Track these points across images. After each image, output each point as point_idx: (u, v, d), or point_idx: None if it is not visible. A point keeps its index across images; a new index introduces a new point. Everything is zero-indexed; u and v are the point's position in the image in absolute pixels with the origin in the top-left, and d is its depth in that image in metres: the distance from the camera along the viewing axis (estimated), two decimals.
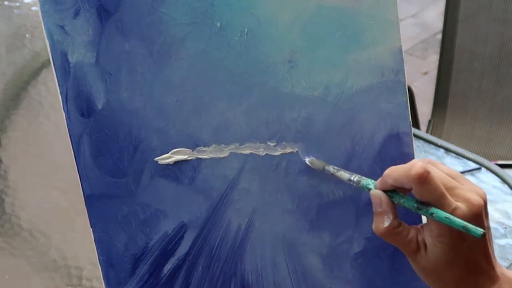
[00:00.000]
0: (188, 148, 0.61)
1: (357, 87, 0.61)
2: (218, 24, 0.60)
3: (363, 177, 0.57)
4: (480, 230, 0.49)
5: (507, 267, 0.83)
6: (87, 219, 0.61)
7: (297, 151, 0.61)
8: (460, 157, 1.02)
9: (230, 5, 0.59)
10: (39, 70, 1.09)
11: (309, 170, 0.62)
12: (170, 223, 0.62)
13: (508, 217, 0.91)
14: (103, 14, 0.59)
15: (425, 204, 0.52)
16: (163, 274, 0.62)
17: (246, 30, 0.60)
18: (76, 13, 0.58)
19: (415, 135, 1.06)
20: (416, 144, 1.05)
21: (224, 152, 0.61)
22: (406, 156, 0.63)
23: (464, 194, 0.52)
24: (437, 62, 1.56)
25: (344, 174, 0.59)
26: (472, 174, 0.99)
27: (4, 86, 1.07)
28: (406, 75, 0.62)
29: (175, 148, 0.61)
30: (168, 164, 0.61)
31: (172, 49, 0.59)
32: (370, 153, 0.62)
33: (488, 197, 0.93)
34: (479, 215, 0.52)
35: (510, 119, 1.51)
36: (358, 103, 0.62)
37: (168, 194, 0.61)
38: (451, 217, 0.50)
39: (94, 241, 0.61)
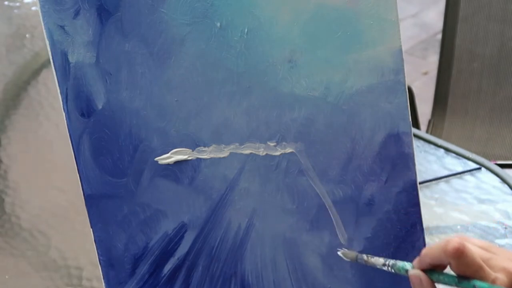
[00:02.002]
0: (188, 148, 0.61)
1: (357, 87, 0.62)
2: (218, 24, 0.60)
3: (398, 260, 0.57)
4: None
5: None
6: (87, 219, 0.61)
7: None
8: (460, 157, 1.02)
9: (230, 5, 0.59)
10: (39, 70, 1.09)
11: (309, 171, 0.62)
12: (170, 223, 0.62)
13: (508, 217, 0.91)
14: (103, 14, 0.59)
15: (465, 278, 0.52)
16: (163, 274, 0.62)
17: (246, 30, 0.60)
18: (76, 13, 0.58)
19: (415, 135, 1.06)
20: (416, 144, 1.05)
21: (224, 152, 0.61)
22: (406, 156, 0.63)
23: (500, 264, 0.53)
24: (437, 62, 1.56)
25: (378, 260, 0.58)
26: (472, 174, 0.99)
27: (4, 86, 1.07)
28: (406, 75, 0.62)
29: (175, 148, 0.61)
30: (168, 164, 0.61)
31: (172, 49, 0.59)
32: (370, 153, 0.62)
33: (488, 197, 0.94)
34: None
35: (510, 119, 1.51)
36: (358, 103, 0.62)
37: (168, 194, 0.61)
38: (494, 287, 0.51)
39: (94, 241, 0.61)
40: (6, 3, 1.20)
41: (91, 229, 0.61)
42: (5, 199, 0.90)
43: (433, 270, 0.54)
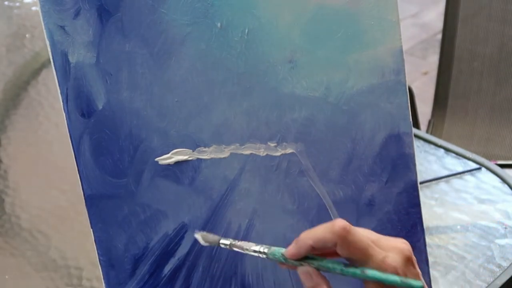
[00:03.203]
0: (188, 148, 0.61)
1: (357, 88, 0.62)
2: (219, 25, 0.60)
3: (269, 247, 0.54)
4: (417, 283, 0.47)
5: (507, 267, 0.83)
6: (87, 219, 0.61)
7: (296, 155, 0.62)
8: (460, 157, 1.02)
9: (231, 5, 0.59)
10: (39, 70, 1.09)
11: (309, 171, 0.62)
12: (171, 223, 0.62)
13: (508, 217, 0.91)
14: (104, 14, 0.58)
15: (352, 265, 0.50)
16: (164, 275, 0.62)
17: (246, 30, 0.60)
18: (77, 14, 0.58)
19: (415, 135, 1.06)
20: (416, 144, 1.05)
21: (224, 153, 0.61)
22: (407, 157, 0.63)
23: (390, 243, 0.51)
24: (437, 62, 1.56)
25: (248, 244, 0.55)
26: (472, 174, 0.99)
27: (4, 86, 1.07)
28: (406, 75, 0.62)
29: (176, 148, 0.61)
30: (168, 165, 0.61)
31: (173, 50, 0.59)
32: (371, 153, 0.62)
33: (488, 197, 0.94)
34: (409, 260, 0.51)
35: (510, 119, 1.51)
36: (358, 103, 0.62)
37: (169, 195, 0.61)
38: (383, 275, 0.48)
39: (95, 241, 0.61)
40: (6, 3, 1.20)
41: (91, 229, 0.61)
42: (5, 199, 0.90)
43: (317, 257, 0.51)
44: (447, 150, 1.04)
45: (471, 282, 0.81)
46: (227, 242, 0.57)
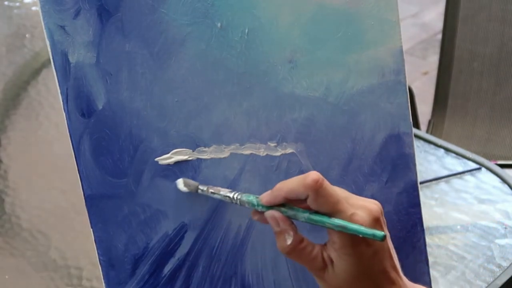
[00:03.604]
0: (188, 148, 0.61)
1: (357, 88, 0.62)
2: (219, 25, 0.59)
3: (244, 194, 0.56)
4: (379, 232, 0.48)
5: (507, 267, 0.83)
6: (87, 219, 0.61)
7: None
8: (460, 157, 1.02)
9: (231, 5, 0.59)
10: (39, 70, 1.09)
11: (309, 171, 0.62)
12: (171, 223, 0.62)
13: (508, 217, 0.91)
14: (104, 14, 0.58)
15: (320, 214, 0.51)
16: (164, 275, 0.62)
17: (246, 30, 0.60)
18: (77, 14, 0.58)
19: (415, 135, 1.06)
20: (416, 144, 1.05)
21: (224, 153, 0.61)
22: (407, 157, 0.63)
23: (359, 202, 0.52)
24: (437, 62, 1.56)
25: (221, 190, 0.58)
26: (472, 174, 0.99)
27: (4, 86, 1.07)
28: (406, 75, 0.62)
29: (176, 148, 0.61)
30: (168, 165, 0.61)
31: (173, 50, 0.59)
32: (371, 153, 0.62)
33: (488, 197, 0.94)
34: (378, 220, 0.51)
35: (510, 119, 1.51)
36: (358, 103, 0.62)
37: (169, 195, 0.61)
38: (347, 223, 0.49)
39: (95, 241, 0.61)
40: (6, 3, 1.20)
41: (91, 229, 0.61)
42: (5, 199, 0.90)
43: (287, 205, 0.53)
44: (447, 150, 1.04)
45: (471, 282, 0.81)
46: (204, 188, 0.59)
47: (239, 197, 0.57)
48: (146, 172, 0.61)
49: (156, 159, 0.61)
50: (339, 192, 0.52)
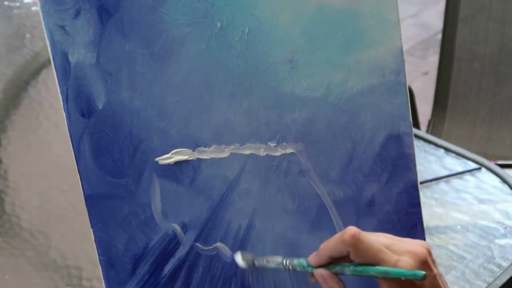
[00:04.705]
0: (188, 148, 0.61)
1: (357, 88, 0.61)
2: (219, 25, 0.59)
3: (294, 258, 0.58)
4: (420, 272, 0.50)
5: (507, 267, 0.83)
6: (87, 219, 0.61)
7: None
8: (460, 157, 1.02)
9: (231, 5, 0.59)
10: (39, 70, 1.09)
11: (309, 171, 0.62)
12: (171, 223, 0.62)
13: (508, 217, 0.91)
14: (104, 14, 0.58)
15: (363, 265, 0.53)
16: (164, 275, 0.62)
17: (246, 30, 0.60)
18: (77, 14, 0.58)
19: (415, 135, 1.06)
20: (416, 144, 1.05)
21: (224, 153, 0.61)
22: (407, 157, 0.63)
23: (404, 247, 0.53)
24: (437, 62, 1.56)
25: (277, 259, 0.59)
26: (472, 174, 0.99)
27: (4, 86, 1.07)
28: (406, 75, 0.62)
29: (176, 148, 0.61)
30: (168, 165, 0.61)
31: (173, 49, 0.59)
32: (371, 153, 0.62)
33: (488, 197, 0.94)
34: (425, 262, 0.52)
35: (510, 119, 1.51)
36: (358, 103, 0.62)
37: (169, 195, 0.61)
38: (389, 268, 0.51)
39: (95, 241, 0.61)
40: (6, 3, 1.20)
41: (91, 229, 0.61)
42: (5, 199, 0.90)
43: (333, 263, 0.55)
44: (447, 150, 1.04)
45: (471, 282, 0.81)
46: (260, 259, 0.61)
47: (290, 262, 0.58)
48: (146, 172, 0.61)
49: (156, 159, 0.61)
50: (381, 240, 0.53)
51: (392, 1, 0.61)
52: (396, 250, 0.52)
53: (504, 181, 0.97)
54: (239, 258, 0.61)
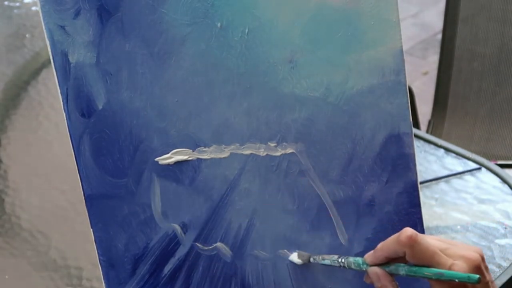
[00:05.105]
0: (188, 148, 0.61)
1: (357, 88, 0.61)
2: (219, 25, 0.59)
3: (350, 256, 0.59)
4: (474, 275, 0.50)
5: (507, 267, 0.83)
6: (87, 219, 0.61)
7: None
8: (460, 157, 1.02)
9: (231, 5, 0.59)
10: (39, 70, 1.09)
11: (309, 171, 0.62)
12: (171, 223, 0.62)
13: (508, 217, 0.91)
14: (104, 14, 0.58)
15: (417, 266, 0.53)
16: (164, 275, 0.62)
17: (246, 30, 0.60)
18: (77, 14, 0.58)
19: (415, 135, 1.06)
20: (416, 144, 1.05)
21: (224, 153, 0.61)
22: (407, 157, 0.63)
23: (458, 251, 0.54)
24: (437, 62, 1.56)
25: (333, 257, 0.60)
26: (472, 174, 0.99)
27: (4, 86, 1.07)
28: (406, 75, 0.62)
29: (176, 148, 0.61)
30: (168, 165, 0.61)
31: (173, 50, 0.59)
32: (371, 153, 0.62)
33: (488, 197, 0.94)
34: (478, 268, 0.53)
35: (510, 119, 1.51)
36: (358, 103, 0.62)
37: (169, 195, 0.61)
38: (443, 270, 0.52)
39: (95, 241, 0.61)
40: (6, 3, 1.20)
41: (91, 229, 0.61)
42: (5, 199, 0.90)
43: (388, 263, 0.55)
44: (447, 150, 1.04)
45: None
46: (316, 256, 0.62)
47: (346, 259, 0.59)
48: (146, 172, 0.61)
49: (156, 159, 0.61)
50: (436, 244, 0.54)
51: (392, 1, 0.61)
52: (450, 254, 0.53)
53: (504, 181, 0.97)
54: (295, 257, 0.62)
